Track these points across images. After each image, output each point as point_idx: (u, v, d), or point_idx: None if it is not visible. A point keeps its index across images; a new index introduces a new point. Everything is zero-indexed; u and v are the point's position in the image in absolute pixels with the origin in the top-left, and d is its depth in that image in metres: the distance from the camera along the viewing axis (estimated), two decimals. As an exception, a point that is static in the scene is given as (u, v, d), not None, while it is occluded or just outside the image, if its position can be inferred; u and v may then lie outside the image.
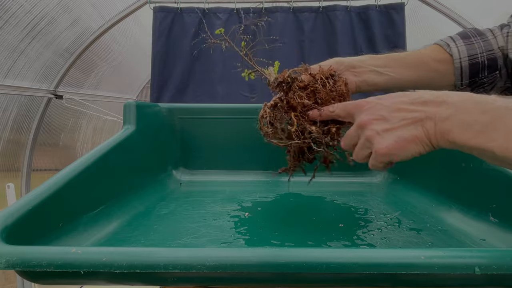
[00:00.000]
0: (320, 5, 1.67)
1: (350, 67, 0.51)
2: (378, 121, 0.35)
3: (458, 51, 0.50)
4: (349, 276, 0.29)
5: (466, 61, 0.49)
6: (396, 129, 0.34)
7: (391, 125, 0.34)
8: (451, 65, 0.50)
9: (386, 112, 0.35)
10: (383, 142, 0.35)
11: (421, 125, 0.33)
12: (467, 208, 0.49)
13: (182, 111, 0.78)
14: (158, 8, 1.67)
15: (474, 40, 0.50)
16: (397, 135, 0.34)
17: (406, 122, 0.34)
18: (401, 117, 0.34)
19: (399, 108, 0.34)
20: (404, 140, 0.34)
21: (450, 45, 0.50)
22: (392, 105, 0.35)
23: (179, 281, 0.30)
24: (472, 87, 0.51)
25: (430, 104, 0.33)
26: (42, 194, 0.40)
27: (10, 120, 1.80)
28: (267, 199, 0.62)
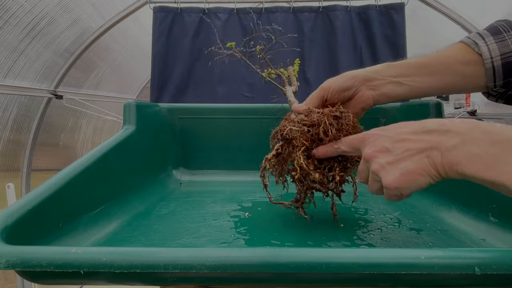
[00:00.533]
0: (320, 5, 1.67)
1: (366, 80, 0.48)
2: (382, 153, 0.35)
3: (489, 49, 0.44)
4: (349, 276, 0.29)
5: (498, 60, 0.43)
6: (401, 161, 0.33)
7: (395, 157, 0.33)
8: (481, 66, 0.44)
9: (389, 143, 0.34)
10: (389, 176, 0.34)
11: (427, 155, 0.31)
12: (467, 208, 0.49)
13: (182, 111, 0.78)
14: (158, 8, 1.67)
15: (507, 35, 0.44)
16: (402, 168, 0.33)
17: (410, 153, 0.32)
18: (405, 147, 0.33)
19: (403, 139, 0.33)
20: (410, 173, 0.32)
21: (479, 43, 0.44)
22: (395, 136, 0.34)
23: (179, 281, 0.30)
24: (508, 87, 0.45)
25: (434, 133, 0.31)
26: (42, 194, 0.40)
27: (10, 120, 1.80)
28: (267, 199, 0.62)
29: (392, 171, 0.33)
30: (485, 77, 0.45)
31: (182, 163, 0.78)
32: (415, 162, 0.32)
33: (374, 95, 0.48)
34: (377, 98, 0.48)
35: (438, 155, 0.31)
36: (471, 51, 0.45)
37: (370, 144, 0.37)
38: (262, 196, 0.64)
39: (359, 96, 0.49)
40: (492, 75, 0.44)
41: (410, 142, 0.33)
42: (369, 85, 0.48)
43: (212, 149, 0.78)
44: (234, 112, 0.79)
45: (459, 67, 0.45)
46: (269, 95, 1.70)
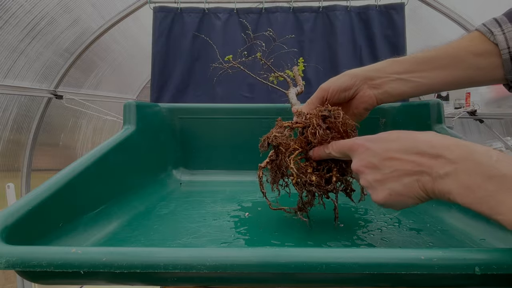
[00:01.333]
0: (320, 5, 1.67)
1: (367, 79, 0.46)
2: (369, 169, 0.34)
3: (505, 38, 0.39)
4: (349, 276, 0.29)
5: None
6: (389, 181, 0.32)
7: (382, 175, 0.33)
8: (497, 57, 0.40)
9: (377, 160, 0.33)
10: (377, 194, 0.33)
11: (416, 179, 0.30)
12: (467, 208, 0.49)
13: (182, 111, 0.78)
14: (158, 8, 1.68)
15: None
16: (390, 188, 0.32)
17: (398, 174, 0.31)
18: (393, 167, 0.32)
19: (391, 157, 0.32)
20: (398, 194, 0.32)
21: (494, 31, 0.40)
22: (384, 153, 0.33)
23: (179, 281, 0.30)
24: None
25: (425, 156, 0.30)
26: (42, 194, 0.40)
27: (10, 120, 1.80)
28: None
29: (380, 190, 0.33)
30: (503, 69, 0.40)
31: (182, 163, 0.78)
32: (404, 184, 0.31)
33: (376, 94, 0.46)
34: (380, 97, 0.46)
35: (429, 181, 0.29)
36: (485, 40, 0.40)
37: (358, 156, 0.35)
38: (262, 196, 0.64)
39: (360, 95, 0.47)
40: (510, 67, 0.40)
41: (399, 162, 0.31)
42: (371, 84, 0.46)
43: (212, 149, 0.78)
44: (234, 112, 0.79)
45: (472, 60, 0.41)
46: (269, 95, 1.70)
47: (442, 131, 0.60)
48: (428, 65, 0.43)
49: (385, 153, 0.33)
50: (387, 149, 0.33)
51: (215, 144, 0.78)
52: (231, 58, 0.66)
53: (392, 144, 0.33)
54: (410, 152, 0.31)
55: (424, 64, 0.43)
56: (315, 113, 0.44)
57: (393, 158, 0.32)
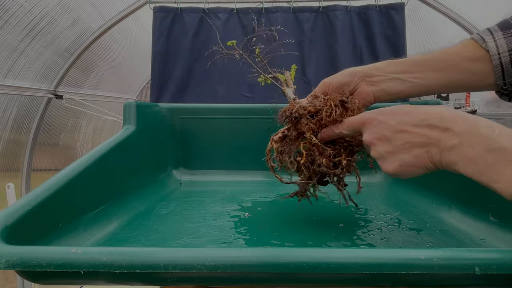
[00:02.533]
0: (320, 5, 1.67)
1: (366, 76, 0.47)
2: (381, 141, 0.35)
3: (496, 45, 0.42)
4: (349, 276, 0.29)
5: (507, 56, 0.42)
6: (400, 153, 0.34)
7: (394, 147, 0.34)
8: (489, 63, 0.43)
9: (389, 132, 0.34)
10: (388, 165, 0.35)
11: (426, 150, 0.32)
12: (467, 208, 0.49)
13: (182, 111, 0.78)
14: (158, 8, 1.68)
15: None
16: (401, 159, 0.34)
17: (409, 146, 0.33)
18: (405, 139, 0.33)
19: (403, 130, 0.33)
20: (408, 165, 0.33)
21: (486, 39, 0.43)
22: (396, 126, 0.34)
23: (179, 281, 0.30)
24: None
25: (435, 129, 0.31)
26: (42, 194, 0.40)
27: (10, 120, 1.80)
28: (267, 199, 0.62)
29: (391, 161, 0.34)
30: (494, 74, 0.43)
31: (182, 163, 0.78)
32: (414, 156, 0.33)
33: (374, 91, 0.48)
34: (377, 95, 0.48)
35: (438, 153, 0.31)
36: (478, 47, 0.43)
37: (370, 129, 0.36)
38: (262, 196, 0.64)
39: (358, 92, 0.48)
40: (500, 72, 0.42)
41: (410, 135, 0.33)
42: (369, 81, 0.48)
43: (212, 149, 0.78)
44: (234, 112, 0.79)
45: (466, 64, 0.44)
46: (269, 95, 1.70)
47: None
48: (424, 67, 0.45)
49: (397, 125, 0.34)
50: (399, 122, 0.34)
51: (215, 144, 0.78)
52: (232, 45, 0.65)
53: (404, 117, 0.34)
54: (422, 125, 0.32)
55: (420, 66, 0.46)
56: (333, 97, 0.44)
57: (405, 131, 0.33)
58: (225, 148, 0.78)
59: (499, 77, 0.43)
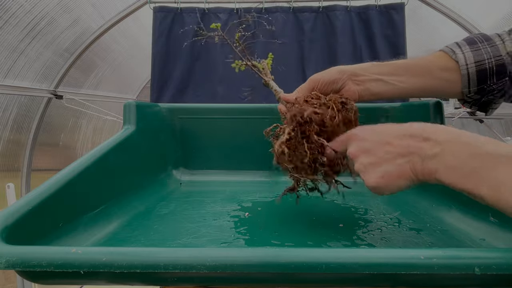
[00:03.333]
0: (320, 5, 1.67)
1: (353, 75, 0.50)
2: (364, 154, 0.36)
3: (464, 57, 0.48)
4: (349, 276, 0.29)
5: (473, 67, 0.47)
6: (382, 164, 0.34)
7: (377, 159, 0.34)
8: (458, 73, 0.48)
9: (373, 145, 0.35)
10: (370, 177, 0.35)
11: (408, 160, 0.32)
12: (467, 208, 0.49)
13: (182, 111, 0.78)
14: (158, 8, 1.68)
15: (481, 45, 0.48)
16: (383, 171, 0.34)
17: (392, 156, 0.33)
18: (387, 150, 0.34)
19: (386, 142, 0.34)
20: (390, 176, 0.33)
21: (456, 51, 0.48)
22: (379, 139, 0.35)
23: (179, 281, 0.30)
24: (481, 94, 0.48)
25: (415, 139, 0.32)
26: (42, 194, 0.40)
27: (10, 120, 1.80)
28: (267, 199, 0.62)
29: (373, 172, 0.34)
30: (461, 83, 0.48)
31: (182, 163, 0.78)
32: (396, 165, 0.33)
33: (359, 90, 0.50)
34: (362, 93, 0.50)
35: (419, 161, 0.31)
36: (449, 58, 0.49)
37: (354, 144, 0.37)
38: (262, 196, 0.64)
39: (345, 90, 0.50)
40: (467, 81, 0.48)
41: (392, 146, 0.33)
42: (355, 80, 0.50)
43: (212, 149, 0.78)
44: (234, 112, 0.79)
45: (439, 73, 0.49)
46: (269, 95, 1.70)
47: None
48: (406, 71, 0.49)
49: (381, 138, 0.35)
50: (382, 136, 0.35)
51: (215, 144, 0.78)
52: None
53: (386, 132, 0.35)
54: (404, 136, 0.33)
55: (402, 70, 0.49)
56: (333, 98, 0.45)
57: (388, 143, 0.34)
58: (225, 148, 0.78)
59: (465, 86, 0.48)
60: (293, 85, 0.60)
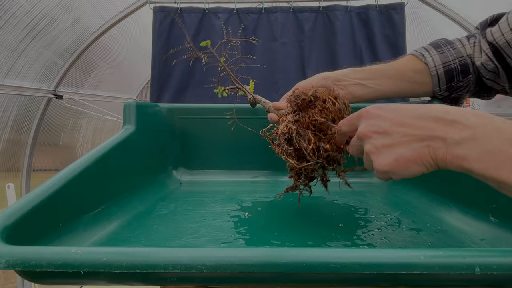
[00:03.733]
0: (320, 5, 1.67)
1: (336, 81, 0.53)
2: (378, 134, 0.32)
3: (433, 60, 0.53)
4: (349, 276, 0.29)
5: (441, 68, 0.53)
6: (397, 146, 0.30)
7: (392, 140, 0.31)
8: (428, 75, 0.53)
9: (388, 125, 0.31)
10: (382, 159, 0.32)
11: (428, 144, 0.29)
12: (467, 208, 0.49)
13: (182, 111, 0.78)
14: (158, 8, 1.68)
15: (445, 48, 0.54)
16: (398, 153, 0.30)
17: (409, 139, 0.30)
18: (404, 132, 0.30)
19: (403, 122, 0.30)
20: (405, 160, 0.30)
21: (425, 55, 0.54)
22: (396, 118, 0.31)
23: (179, 281, 0.30)
24: (450, 91, 0.54)
25: (439, 122, 0.28)
26: (42, 194, 0.40)
27: (10, 120, 1.80)
28: (267, 199, 0.62)
29: (386, 155, 0.31)
30: (432, 83, 0.54)
31: (182, 163, 0.78)
32: (413, 149, 0.30)
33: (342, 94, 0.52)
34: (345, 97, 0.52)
35: (442, 147, 0.28)
36: (419, 61, 0.54)
37: (366, 121, 0.34)
38: (262, 196, 0.64)
39: None
40: (437, 81, 0.53)
41: (411, 128, 0.30)
42: (339, 85, 0.54)
43: (212, 149, 0.78)
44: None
45: (411, 75, 0.54)
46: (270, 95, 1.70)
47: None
48: (380, 75, 0.54)
49: (397, 118, 0.31)
50: (399, 115, 0.31)
51: (215, 144, 0.78)
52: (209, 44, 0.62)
53: (405, 111, 0.31)
54: (425, 117, 0.29)
55: (377, 73, 0.54)
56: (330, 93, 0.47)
57: (406, 124, 0.30)
58: (225, 148, 0.78)
59: (436, 85, 0.54)
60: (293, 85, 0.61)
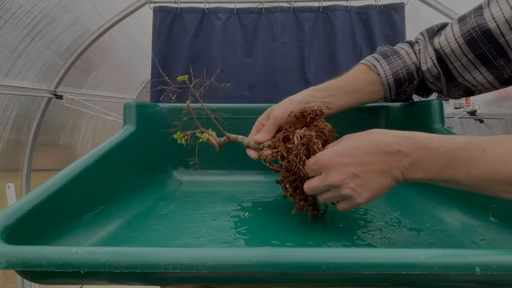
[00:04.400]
0: (320, 5, 1.67)
1: (306, 102, 0.56)
2: (350, 179, 0.39)
3: (384, 70, 0.60)
4: (349, 276, 0.29)
5: (391, 77, 0.60)
6: (368, 183, 0.39)
7: (362, 180, 0.39)
8: (380, 84, 0.60)
9: (353, 168, 0.39)
10: (361, 196, 0.40)
11: (389, 174, 0.38)
12: (467, 208, 0.49)
13: (182, 111, 0.78)
14: (158, 8, 1.68)
15: (393, 58, 0.60)
16: (371, 188, 0.39)
17: (374, 175, 0.38)
18: (369, 170, 0.38)
19: (362, 162, 0.38)
20: (377, 190, 0.39)
21: (376, 65, 0.60)
22: (355, 160, 0.39)
23: (179, 281, 0.30)
24: (398, 95, 0.63)
25: (388, 155, 0.37)
26: (42, 194, 0.40)
27: (10, 120, 1.80)
28: (267, 199, 0.62)
29: (362, 192, 0.39)
30: (384, 90, 0.61)
31: (182, 163, 0.78)
32: (380, 182, 0.38)
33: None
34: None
35: (399, 173, 0.37)
36: (372, 72, 0.60)
37: (334, 172, 0.40)
38: (262, 196, 0.64)
39: None
40: (388, 89, 0.61)
41: (371, 165, 0.38)
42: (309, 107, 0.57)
43: (212, 149, 0.78)
44: (234, 112, 0.79)
45: (366, 87, 0.60)
46: (270, 95, 1.70)
47: (442, 131, 0.60)
48: (340, 91, 0.59)
49: (356, 159, 0.39)
50: (355, 155, 0.39)
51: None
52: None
53: (356, 151, 0.39)
54: (375, 153, 0.38)
55: (337, 90, 0.59)
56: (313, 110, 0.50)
57: (365, 163, 0.38)
58: (225, 148, 0.78)
59: (387, 92, 0.61)
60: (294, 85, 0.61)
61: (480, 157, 0.32)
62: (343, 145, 0.41)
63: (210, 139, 0.62)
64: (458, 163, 0.33)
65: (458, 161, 0.33)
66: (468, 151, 0.33)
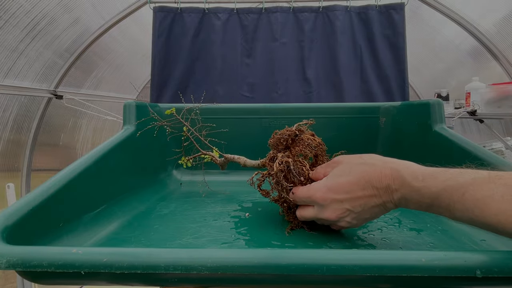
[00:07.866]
0: (320, 5, 1.67)
1: None
2: (345, 213, 0.41)
3: None
4: (350, 278, 0.29)
5: None
6: (363, 215, 0.41)
7: (357, 213, 0.41)
8: None
9: (348, 204, 0.41)
10: (356, 224, 0.43)
11: (382, 206, 0.39)
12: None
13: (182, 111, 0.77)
14: (158, 8, 1.68)
15: None
16: (365, 218, 0.42)
17: (368, 207, 0.40)
18: (363, 205, 0.40)
19: (356, 197, 0.40)
20: (372, 218, 0.42)
21: None
22: (348, 195, 0.40)
23: (179, 281, 0.30)
24: None
25: (380, 189, 0.39)
26: (42, 194, 0.40)
27: (10, 120, 1.80)
28: (267, 200, 0.62)
29: (359, 221, 0.42)
30: None
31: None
32: (374, 211, 0.40)
33: None
34: None
35: (392, 205, 0.39)
36: None
37: (328, 208, 0.42)
38: (262, 196, 0.64)
39: None
40: None
41: (364, 199, 0.40)
42: None
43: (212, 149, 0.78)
44: (234, 112, 0.79)
45: None
46: (270, 95, 1.70)
47: (442, 131, 0.60)
48: None
49: (349, 195, 0.40)
50: (348, 191, 0.40)
51: (215, 144, 0.78)
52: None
53: (349, 186, 0.41)
54: (367, 187, 0.39)
55: None
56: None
57: (358, 197, 0.40)
58: (225, 148, 0.78)
59: None
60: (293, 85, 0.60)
61: (459, 202, 0.32)
62: (336, 180, 0.42)
63: (214, 159, 0.62)
64: (440, 205, 0.34)
65: (441, 203, 0.34)
66: (449, 194, 0.33)
